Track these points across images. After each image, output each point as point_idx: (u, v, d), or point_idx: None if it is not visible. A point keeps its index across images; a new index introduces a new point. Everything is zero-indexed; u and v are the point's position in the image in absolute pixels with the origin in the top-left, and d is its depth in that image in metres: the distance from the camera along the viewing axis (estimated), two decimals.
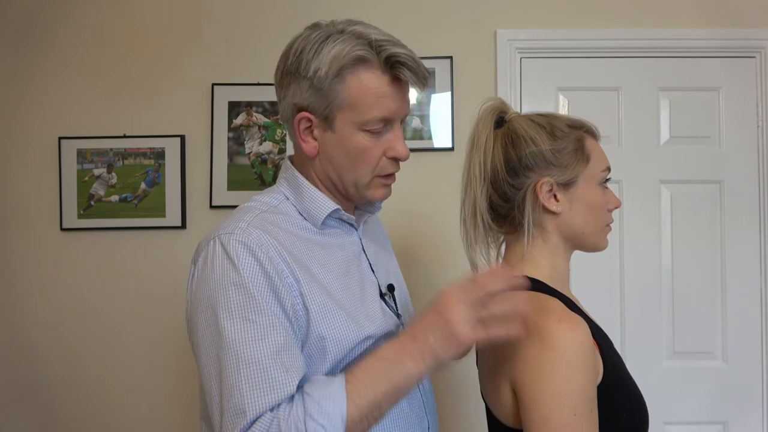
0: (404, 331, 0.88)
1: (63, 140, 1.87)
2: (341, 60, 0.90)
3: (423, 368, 0.82)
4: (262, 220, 0.93)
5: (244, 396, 0.80)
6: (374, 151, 0.96)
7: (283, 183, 1.03)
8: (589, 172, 0.97)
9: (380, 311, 0.99)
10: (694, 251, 1.89)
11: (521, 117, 1.01)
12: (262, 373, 0.82)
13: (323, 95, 0.92)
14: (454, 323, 0.81)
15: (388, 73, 0.93)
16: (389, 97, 0.93)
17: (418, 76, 0.93)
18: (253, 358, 0.82)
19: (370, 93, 0.92)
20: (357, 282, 1.00)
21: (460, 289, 0.83)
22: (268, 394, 0.81)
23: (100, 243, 1.88)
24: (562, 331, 0.83)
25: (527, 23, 1.88)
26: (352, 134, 0.94)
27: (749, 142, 1.89)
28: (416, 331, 0.84)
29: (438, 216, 1.85)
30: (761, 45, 1.87)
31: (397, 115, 0.96)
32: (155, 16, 1.90)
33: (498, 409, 0.93)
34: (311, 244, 0.96)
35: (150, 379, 1.86)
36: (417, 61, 0.93)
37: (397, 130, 0.97)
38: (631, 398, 0.93)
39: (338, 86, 0.91)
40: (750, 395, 1.87)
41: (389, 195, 1.02)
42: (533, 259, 0.98)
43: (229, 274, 0.86)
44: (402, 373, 0.82)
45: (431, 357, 0.82)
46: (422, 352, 0.82)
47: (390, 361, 0.83)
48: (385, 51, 0.91)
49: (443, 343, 0.82)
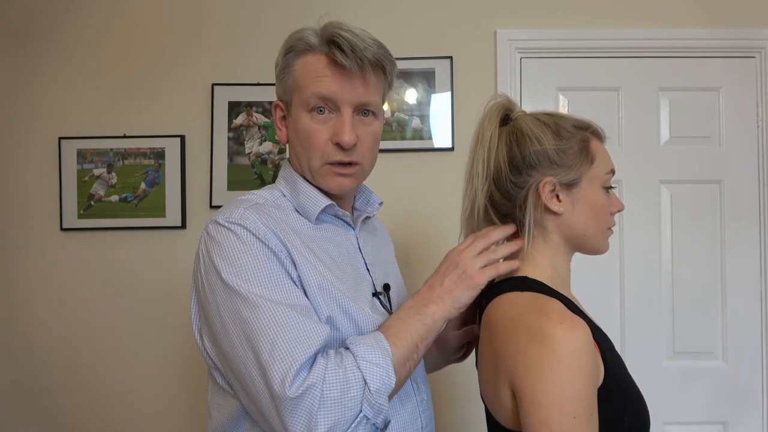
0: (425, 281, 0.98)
1: (63, 140, 1.87)
2: (292, 48, 0.99)
3: (444, 309, 0.93)
4: (257, 208, 0.95)
5: (289, 343, 0.81)
6: (319, 134, 0.98)
7: (281, 181, 1.06)
8: (593, 174, 0.97)
9: (370, 308, 0.99)
10: (694, 251, 1.89)
11: (527, 115, 1.00)
12: (297, 323, 0.84)
13: (282, 82, 1.01)
14: (465, 266, 0.94)
15: (326, 55, 0.97)
16: (328, 78, 0.97)
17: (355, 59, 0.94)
18: (283, 313, 0.84)
19: (311, 73, 0.97)
20: (350, 278, 1.00)
21: (464, 244, 0.98)
22: (311, 339, 0.83)
23: (100, 243, 1.88)
24: (562, 333, 0.81)
25: (527, 23, 1.88)
26: (300, 116, 0.99)
27: (749, 142, 1.89)
28: (432, 281, 0.96)
29: (438, 216, 1.85)
30: (761, 45, 1.87)
31: (342, 99, 0.97)
32: (155, 16, 1.90)
33: (497, 411, 0.93)
34: (305, 237, 0.97)
35: (150, 379, 1.86)
36: (355, 45, 0.94)
37: (345, 115, 0.98)
38: (632, 400, 0.92)
39: (289, 71, 1.00)
40: (750, 395, 1.87)
41: (346, 187, 1.02)
42: (533, 259, 0.98)
43: (236, 245, 0.89)
44: (428, 314, 0.92)
45: (450, 298, 0.93)
46: (441, 295, 0.94)
47: (415, 308, 0.93)
48: (328, 33, 0.96)
49: (458, 284, 0.94)
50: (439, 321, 0.93)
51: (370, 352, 0.85)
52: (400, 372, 0.87)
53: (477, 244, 0.97)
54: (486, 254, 0.96)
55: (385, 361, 0.85)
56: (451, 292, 0.94)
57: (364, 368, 0.83)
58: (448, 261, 0.97)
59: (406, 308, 0.94)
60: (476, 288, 0.94)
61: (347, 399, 0.81)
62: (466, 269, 0.94)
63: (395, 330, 0.90)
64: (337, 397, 0.80)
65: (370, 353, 0.85)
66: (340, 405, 0.80)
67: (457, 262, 0.95)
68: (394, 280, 1.13)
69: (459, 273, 0.94)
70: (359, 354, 0.84)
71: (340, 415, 0.80)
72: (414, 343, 0.90)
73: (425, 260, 1.85)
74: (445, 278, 0.95)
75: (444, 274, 0.96)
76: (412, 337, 0.90)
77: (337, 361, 0.83)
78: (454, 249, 0.98)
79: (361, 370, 0.83)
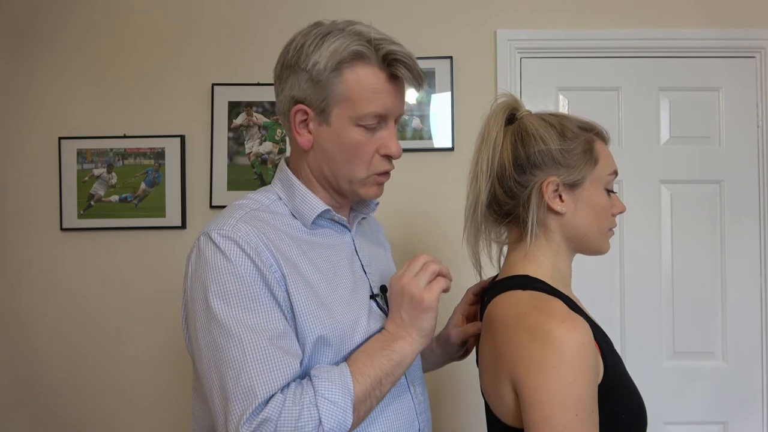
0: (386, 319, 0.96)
1: (63, 140, 1.87)
2: (340, 54, 0.92)
3: (412, 343, 0.92)
4: (251, 217, 0.94)
5: (252, 378, 0.81)
6: (367, 147, 0.97)
7: (276, 183, 1.05)
8: (596, 175, 0.98)
9: (367, 312, 0.99)
10: (694, 251, 1.89)
11: (533, 115, 1.01)
12: (266, 356, 0.83)
13: (320, 88, 0.93)
14: (411, 291, 0.91)
15: (385, 70, 0.94)
16: (385, 94, 0.95)
17: (414, 75, 0.95)
18: (254, 344, 0.83)
19: (367, 88, 0.93)
20: (347, 282, 1.00)
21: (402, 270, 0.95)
22: (275, 376, 0.83)
23: (100, 243, 1.88)
24: (564, 332, 0.82)
25: (527, 23, 1.88)
26: (346, 129, 0.95)
27: (749, 142, 1.89)
28: (393, 315, 0.94)
29: (438, 216, 1.85)
30: (761, 45, 1.87)
31: (392, 113, 0.97)
32: (155, 16, 1.90)
33: (499, 409, 0.93)
34: (301, 243, 0.97)
35: (150, 379, 1.86)
36: (413, 60, 0.95)
37: (390, 128, 0.98)
38: (631, 399, 0.93)
39: (335, 80, 0.93)
40: (750, 395, 1.87)
41: (381, 194, 1.03)
42: (536, 258, 0.99)
43: (223, 265, 0.88)
44: (396, 349, 0.91)
45: (414, 330, 0.92)
46: (404, 327, 0.92)
47: (383, 342, 0.92)
48: (383, 48, 0.93)
49: (414, 312, 0.91)
50: (408, 356, 0.91)
51: (330, 389, 0.84)
52: (359, 409, 0.86)
53: (413, 265, 0.93)
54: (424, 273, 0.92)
55: (344, 400, 0.84)
56: (412, 323, 0.91)
57: (321, 406, 0.82)
58: (394, 292, 0.94)
59: (374, 340, 0.93)
60: (431, 309, 0.91)
61: None
62: (413, 294, 0.91)
63: (360, 364, 0.89)
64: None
65: (331, 391, 0.84)
66: None
67: (401, 288, 0.92)
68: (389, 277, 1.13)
69: (408, 299, 0.91)
70: (319, 390, 0.84)
71: None
72: (378, 378, 0.88)
73: None
74: (401, 311, 0.92)
75: (399, 305, 0.93)
76: (376, 373, 0.88)
77: (295, 397, 0.82)
78: (392, 279, 0.95)
79: (318, 409, 0.82)
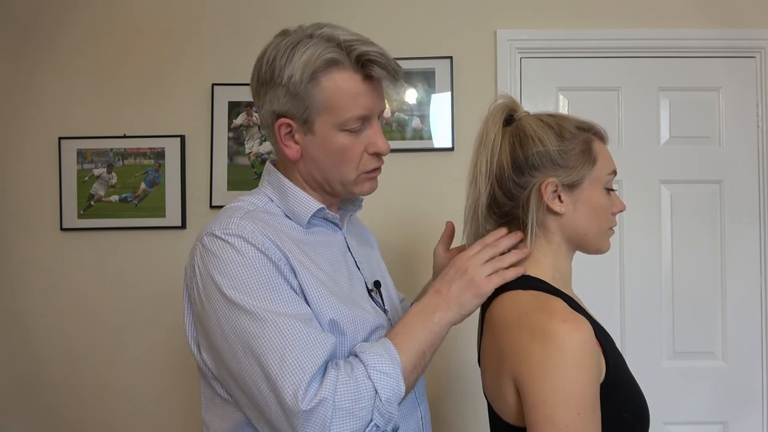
0: (431, 286, 0.99)
1: (63, 140, 1.87)
2: (313, 64, 0.92)
3: (451, 315, 0.94)
4: (252, 217, 0.94)
5: (298, 356, 0.82)
6: (355, 149, 0.97)
7: (266, 186, 1.04)
8: (594, 175, 0.98)
9: (369, 306, 1.01)
10: (694, 251, 1.89)
11: (530, 116, 1.01)
12: (305, 335, 0.84)
13: (300, 100, 0.94)
14: (473, 273, 0.94)
15: (360, 72, 0.94)
16: (364, 95, 0.95)
17: (389, 71, 0.95)
18: (290, 326, 0.84)
19: (346, 93, 0.94)
20: (346, 278, 1.01)
21: (473, 251, 0.97)
22: (318, 351, 0.83)
23: (100, 243, 1.88)
24: (566, 331, 0.83)
25: (527, 23, 1.88)
26: (332, 135, 0.96)
27: (749, 142, 1.89)
28: (439, 285, 0.96)
29: (438, 216, 1.83)
30: (761, 45, 1.87)
31: (374, 112, 0.98)
32: (155, 16, 1.90)
33: (501, 408, 0.94)
34: (299, 243, 0.97)
35: (150, 379, 1.86)
36: (387, 56, 0.95)
37: (375, 126, 0.99)
38: (633, 397, 0.93)
39: (313, 90, 0.93)
40: (750, 395, 1.87)
41: (376, 188, 1.04)
42: (536, 258, 0.99)
43: (236, 259, 0.88)
44: (435, 320, 0.93)
45: (456, 305, 0.94)
46: (447, 301, 0.94)
47: (423, 314, 0.94)
48: (354, 50, 0.93)
49: (464, 291, 0.94)
50: (445, 327, 0.94)
51: (380, 361, 0.86)
52: (408, 379, 0.88)
53: (485, 251, 0.96)
54: (493, 262, 0.95)
55: (395, 370, 0.86)
56: (458, 298, 0.94)
57: (375, 378, 0.84)
58: (456, 267, 0.97)
59: (413, 314, 0.94)
60: (483, 296, 0.94)
61: (358, 409, 0.82)
62: (473, 277, 0.94)
63: (402, 337, 0.91)
64: (348, 408, 0.81)
65: (380, 362, 0.86)
66: (352, 415, 0.82)
67: (465, 268, 0.95)
68: (380, 274, 1.15)
69: (467, 280, 0.94)
70: (369, 363, 0.85)
71: (352, 424, 0.82)
72: (422, 350, 0.91)
73: (425, 260, 1.85)
74: (452, 284, 0.95)
75: (451, 280, 0.96)
76: (420, 344, 0.91)
77: (347, 372, 0.84)
78: (461, 255, 0.98)
79: (372, 380, 0.84)
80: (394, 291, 1.20)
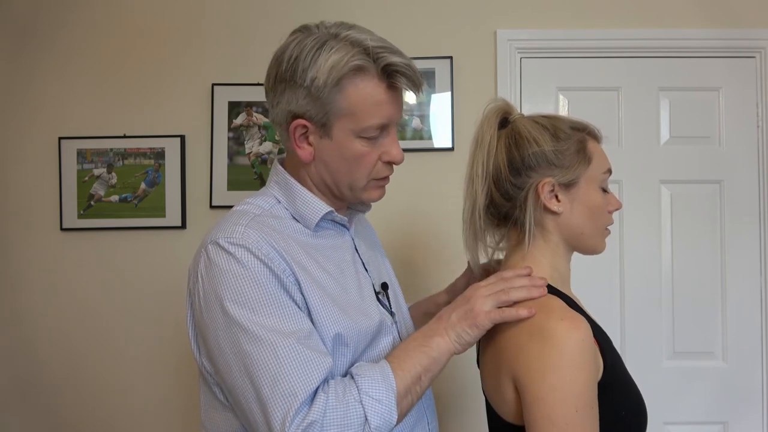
0: (437, 314, 0.97)
1: (63, 140, 1.87)
2: (340, 69, 0.90)
3: (449, 342, 0.92)
4: (257, 223, 0.93)
5: (290, 380, 0.81)
6: (370, 156, 0.97)
7: (274, 186, 1.03)
8: (590, 174, 0.98)
9: (377, 309, 1.01)
10: (694, 251, 1.89)
11: (525, 118, 1.02)
12: (299, 357, 0.83)
13: (321, 103, 0.92)
14: (474, 303, 0.92)
15: (385, 81, 0.93)
16: (386, 105, 0.94)
17: (414, 83, 0.95)
18: (285, 346, 0.83)
19: (369, 102, 0.93)
20: (354, 281, 1.00)
21: (488, 281, 0.95)
22: (311, 374, 0.82)
23: (100, 243, 1.88)
24: (564, 330, 0.84)
25: (527, 23, 1.88)
26: (349, 141, 0.95)
27: (749, 142, 1.89)
28: (443, 313, 0.95)
29: (438, 216, 1.85)
30: (761, 45, 1.87)
31: (393, 121, 0.98)
32: (155, 16, 1.90)
33: (500, 406, 0.94)
34: (307, 247, 0.96)
35: (150, 379, 1.86)
36: (413, 68, 0.94)
37: (392, 134, 0.98)
38: (630, 396, 0.94)
39: (337, 95, 0.91)
40: (750, 395, 1.87)
41: (383, 195, 1.04)
42: (534, 258, 0.99)
43: (239, 272, 0.87)
44: (433, 346, 0.91)
45: (453, 333, 0.92)
46: (446, 328, 0.92)
47: (421, 339, 0.93)
48: (382, 59, 0.92)
49: (462, 320, 0.92)
50: (444, 355, 0.91)
51: (374, 387, 0.84)
52: (401, 405, 0.87)
53: (497, 285, 0.93)
54: (498, 295, 0.92)
55: (389, 397, 0.84)
56: (455, 327, 0.92)
57: (366, 404, 0.83)
58: (464, 295, 0.95)
59: (413, 337, 0.94)
60: (479, 328, 0.91)
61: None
62: (473, 307, 0.92)
63: (400, 361, 0.90)
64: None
65: (375, 389, 0.84)
66: None
67: (470, 297, 0.93)
68: (387, 276, 1.14)
69: (467, 309, 0.92)
70: (363, 389, 0.84)
71: None
72: (417, 374, 0.89)
73: (426, 260, 1.86)
74: (453, 312, 0.93)
75: (455, 307, 0.94)
76: (416, 368, 0.89)
77: (338, 395, 0.83)
78: (475, 284, 0.96)
79: (363, 406, 0.82)
80: (401, 292, 1.19)
